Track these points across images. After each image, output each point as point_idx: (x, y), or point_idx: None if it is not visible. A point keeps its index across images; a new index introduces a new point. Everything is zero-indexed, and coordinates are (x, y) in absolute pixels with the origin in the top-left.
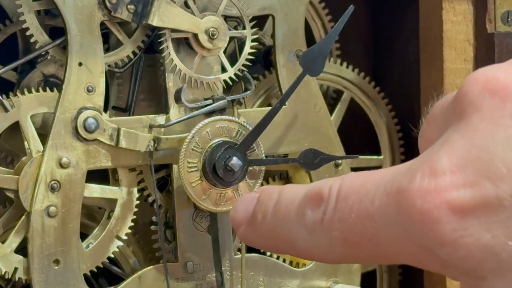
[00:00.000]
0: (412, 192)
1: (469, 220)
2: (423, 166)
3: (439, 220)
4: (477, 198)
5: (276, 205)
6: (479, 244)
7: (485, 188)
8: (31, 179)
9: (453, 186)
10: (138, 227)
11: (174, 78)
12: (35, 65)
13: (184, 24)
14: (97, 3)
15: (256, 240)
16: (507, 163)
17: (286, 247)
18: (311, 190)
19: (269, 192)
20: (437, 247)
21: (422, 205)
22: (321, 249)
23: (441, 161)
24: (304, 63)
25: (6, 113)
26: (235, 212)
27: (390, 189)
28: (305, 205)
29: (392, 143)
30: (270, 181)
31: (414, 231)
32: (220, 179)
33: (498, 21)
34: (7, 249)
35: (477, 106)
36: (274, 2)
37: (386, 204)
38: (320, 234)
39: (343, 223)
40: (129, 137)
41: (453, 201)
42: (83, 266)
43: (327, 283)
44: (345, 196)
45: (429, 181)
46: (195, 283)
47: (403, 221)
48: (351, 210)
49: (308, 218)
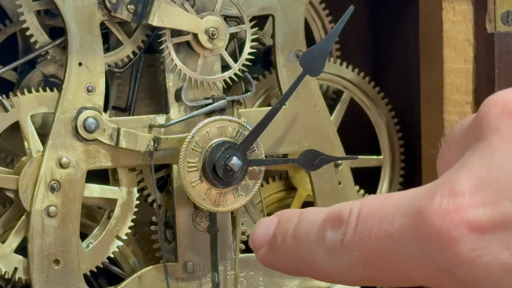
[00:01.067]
0: (431, 212)
1: (488, 239)
2: (443, 187)
3: (458, 239)
4: (495, 217)
5: (296, 227)
6: (498, 263)
7: (503, 207)
8: (31, 179)
9: (472, 206)
10: (138, 227)
11: (174, 78)
12: (35, 65)
13: (184, 24)
14: (97, 3)
15: (276, 262)
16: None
17: (305, 269)
18: (331, 213)
19: (289, 214)
20: (456, 267)
21: (441, 225)
22: (341, 270)
23: (461, 182)
24: (304, 63)
25: (6, 113)
26: (255, 235)
27: (409, 210)
28: (325, 227)
29: (392, 143)
30: (270, 181)
31: (432, 251)
32: (220, 179)
33: (498, 21)
34: (7, 249)
35: (496, 128)
36: (274, 2)
37: (406, 225)
38: (340, 255)
39: (363, 244)
40: (129, 137)
41: (472, 220)
42: (83, 266)
43: (327, 283)
44: (365, 218)
45: (448, 202)
46: (195, 283)
47: (422, 241)
48: (371, 232)
49: (328, 240)
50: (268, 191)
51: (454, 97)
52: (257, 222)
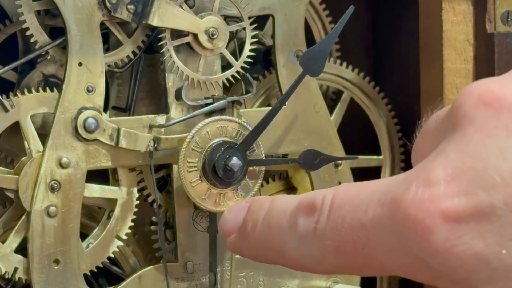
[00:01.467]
0: (406, 202)
1: (463, 229)
2: (418, 176)
3: (433, 229)
4: (470, 207)
5: (267, 215)
6: (472, 252)
7: (478, 197)
8: (31, 179)
9: (447, 196)
10: (138, 227)
11: (174, 78)
12: (35, 65)
13: (184, 24)
14: (97, 3)
15: (246, 249)
16: (500, 172)
17: (276, 257)
18: (304, 200)
19: (260, 201)
20: (430, 257)
21: (416, 215)
22: (313, 259)
23: (436, 171)
24: (304, 63)
25: (6, 113)
26: (224, 221)
27: (384, 199)
28: (297, 214)
29: (392, 143)
30: (270, 181)
31: (407, 240)
32: (220, 179)
33: (498, 21)
34: (7, 249)
35: (472, 118)
36: (274, 2)
37: (380, 214)
38: (312, 243)
39: (336, 233)
40: (129, 137)
41: (447, 210)
42: (83, 266)
43: (327, 283)
44: (338, 206)
45: (423, 191)
46: (195, 283)
47: (397, 230)
48: (344, 220)
49: (300, 227)
50: (268, 191)
51: (454, 97)
52: (227, 209)
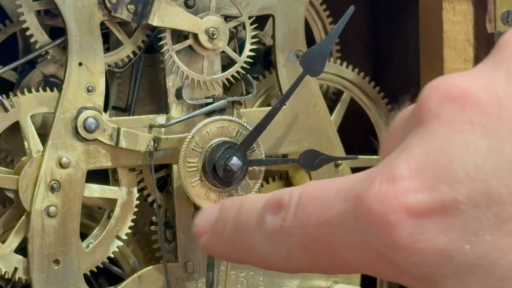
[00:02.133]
0: (370, 197)
1: (426, 225)
2: (382, 172)
3: (396, 225)
4: (434, 202)
5: (237, 213)
6: (436, 248)
7: (442, 192)
8: (31, 179)
9: (411, 191)
10: (138, 227)
11: (174, 78)
12: (35, 65)
13: (184, 24)
14: (97, 3)
15: (217, 248)
16: (465, 167)
17: (245, 256)
18: (272, 198)
19: (231, 201)
20: (393, 253)
21: (379, 210)
22: (280, 257)
23: (400, 167)
24: (304, 63)
25: (6, 113)
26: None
27: (348, 195)
28: (265, 212)
29: None
30: (270, 181)
31: (371, 237)
32: (220, 179)
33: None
34: (7, 249)
35: (437, 113)
36: (274, 2)
37: (344, 211)
38: (279, 241)
39: (302, 230)
40: (129, 137)
41: (410, 205)
42: (83, 266)
43: (327, 283)
44: (305, 203)
45: (387, 187)
46: (195, 283)
47: (360, 227)
48: (310, 217)
49: (268, 225)
50: (268, 191)
51: None
52: (200, 210)
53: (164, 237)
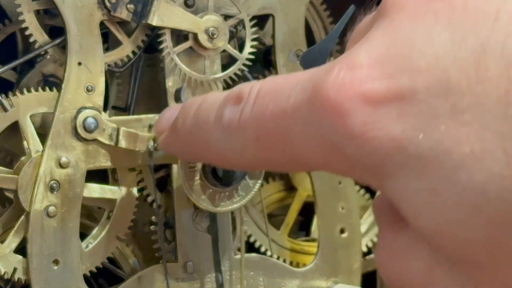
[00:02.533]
0: (327, 85)
1: (381, 113)
2: (341, 61)
3: (350, 112)
4: (391, 90)
5: (197, 109)
6: (388, 137)
7: (401, 80)
8: (30, 179)
9: (369, 79)
10: (138, 227)
11: (174, 78)
12: (34, 64)
13: (184, 24)
14: (97, 3)
15: (175, 145)
16: (425, 57)
17: (202, 151)
18: (231, 92)
19: (193, 99)
20: (345, 142)
21: (335, 97)
22: (235, 151)
23: (360, 56)
24: (304, 63)
25: (5, 113)
26: (159, 120)
27: (307, 85)
28: (224, 105)
29: None
30: (270, 181)
31: (324, 125)
32: (220, 179)
33: None
34: (6, 249)
35: (402, 6)
36: (274, 1)
37: (301, 100)
38: (235, 134)
39: (257, 122)
40: (129, 137)
41: (367, 93)
42: (82, 266)
43: (327, 283)
44: (264, 95)
45: (345, 74)
46: (195, 283)
47: (315, 115)
48: (267, 108)
49: (225, 118)
50: (268, 191)
51: None
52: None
53: (164, 237)
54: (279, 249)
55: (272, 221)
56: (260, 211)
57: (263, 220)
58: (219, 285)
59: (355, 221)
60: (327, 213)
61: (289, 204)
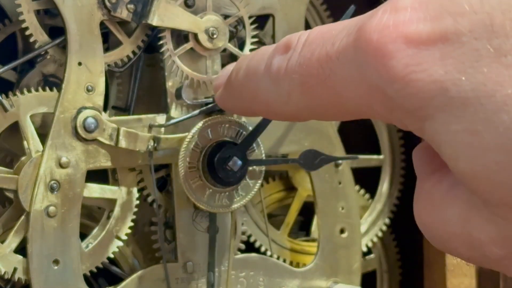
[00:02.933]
0: (370, 27)
1: (424, 55)
2: (386, 5)
3: (393, 54)
4: (435, 32)
5: (249, 61)
6: (431, 79)
7: (444, 22)
8: (30, 179)
9: (412, 21)
10: (138, 227)
11: (174, 78)
12: (34, 64)
13: (184, 24)
14: (97, 3)
15: (228, 100)
16: (470, 0)
17: (251, 102)
18: (281, 41)
19: (247, 54)
20: (388, 84)
21: (378, 40)
22: (280, 99)
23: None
24: None
25: (6, 112)
26: (217, 78)
27: (352, 30)
28: (273, 55)
29: (392, 143)
30: (270, 181)
31: (367, 68)
32: (220, 179)
33: None
34: (6, 249)
35: None
36: (274, 1)
37: (346, 44)
38: (282, 81)
39: (303, 67)
40: (129, 137)
41: (410, 34)
42: (82, 266)
43: (327, 283)
44: (310, 42)
45: (389, 17)
46: (195, 283)
47: (359, 58)
48: (313, 54)
49: (274, 67)
50: (268, 191)
51: None
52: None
53: (164, 237)
54: (279, 249)
55: (272, 221)
56: (260, 211)
57: (263, 220)
58: (210, 285)
59: (355, 221)
60: (327, 213)
61: (289, 204)
